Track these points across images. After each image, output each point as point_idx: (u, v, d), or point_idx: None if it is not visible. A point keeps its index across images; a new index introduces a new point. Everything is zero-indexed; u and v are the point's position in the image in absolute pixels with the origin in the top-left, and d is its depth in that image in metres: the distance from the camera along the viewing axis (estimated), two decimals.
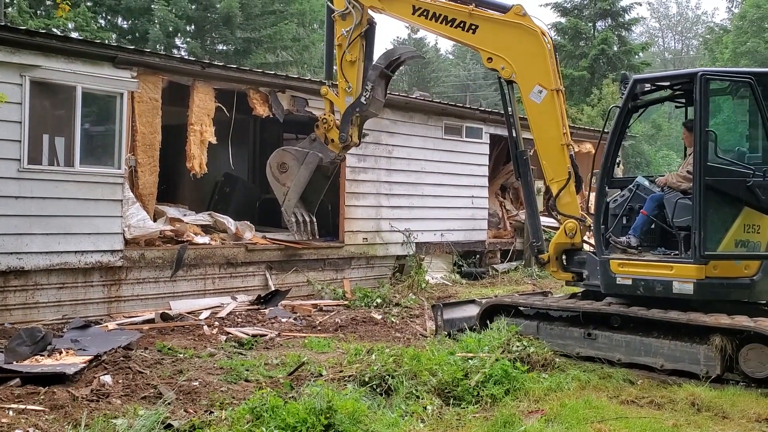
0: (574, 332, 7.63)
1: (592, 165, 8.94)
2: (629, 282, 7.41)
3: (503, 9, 8.26)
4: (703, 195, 6.96)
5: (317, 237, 10.96)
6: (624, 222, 7.92)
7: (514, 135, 8.49)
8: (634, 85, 7.66)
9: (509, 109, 8.42)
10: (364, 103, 9.16)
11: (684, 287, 7.05)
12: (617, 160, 8.59)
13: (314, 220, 10.39)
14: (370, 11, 9.22)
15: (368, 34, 9.33)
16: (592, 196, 8.67)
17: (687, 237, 7.14)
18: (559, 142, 8.01)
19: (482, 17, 8.32)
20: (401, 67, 9.82)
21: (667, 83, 7.97)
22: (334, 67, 9.69)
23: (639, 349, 7.14)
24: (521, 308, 8.29)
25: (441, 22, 8.52)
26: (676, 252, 7.32)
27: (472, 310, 8.88)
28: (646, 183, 7.94)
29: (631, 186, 8.01)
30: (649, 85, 7.94)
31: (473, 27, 8.33)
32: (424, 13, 8.58)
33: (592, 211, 8.32)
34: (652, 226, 7.65)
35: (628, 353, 7.21)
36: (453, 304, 9.46)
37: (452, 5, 8.50)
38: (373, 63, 9.26)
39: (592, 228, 7.98)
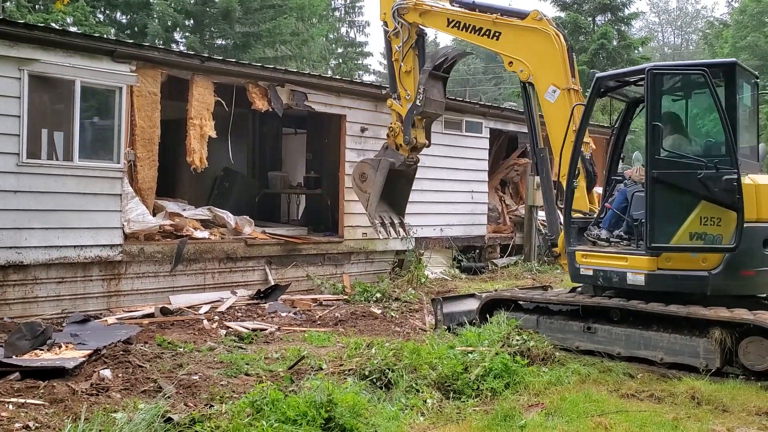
0: (573, 326, 7.64)
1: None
2: (590, 273, 7.61)
3: (523, 15, 8.83)
4: (651, 188, 6.99)
5: (408, 236, 11.61)
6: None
7: (534, 133, 8.82)
8: (596, 83, 7.83)
9: (529, 109, 8.80)
10: (419, 104, 10.00)
11: (636, 278, 7.17)
12: (622, 156, 8.76)
13: (403, 221, 11.10)
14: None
15: (419, 45, 10.33)
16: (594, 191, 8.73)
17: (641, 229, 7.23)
18: (570, 140, 8.11)
19: (504, 24, 8.94)
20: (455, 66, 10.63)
21: (628, 79, 8.08)
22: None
23: (638, 342, 7.15)
24: (521, 302, 8.30)
25: (470, 32, 9.30)
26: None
27: (472, 304, 8.89)
28: None
29: (626, 180, 8.12)
30: (612, 81, 8.08)
31: (497, 34, 9.00)
32: (457, 24, 9.47)
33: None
34: (622, 219, 7.77)
35: (627, 347, 7.21)
36: (452, 298, 9.51)
37: (479, 15, 9.23)
38: (422, 68, 10.10)
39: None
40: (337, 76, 16.04)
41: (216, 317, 9.46)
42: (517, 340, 7.20)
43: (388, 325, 9.47)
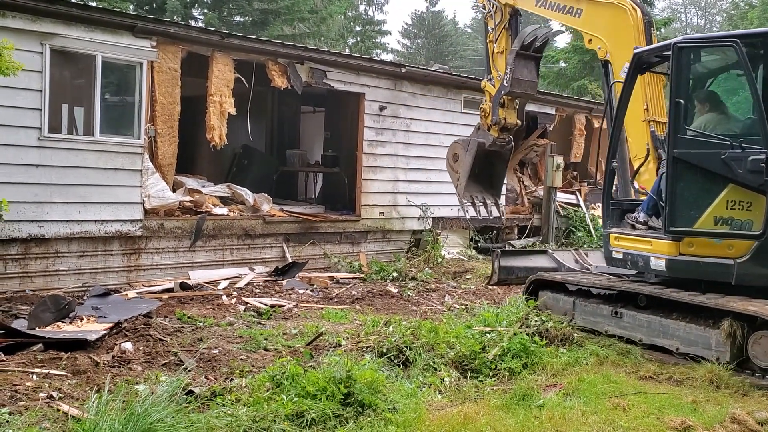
0: (603, 310, 7.43)
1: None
2: (621, 256, 7.42)
3: None
4: (672, 169, 6.68)
5: (501, 217, 11.52)
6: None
7: (611, 113, 8.51)
8: (635, 59, 7.55)
9: (608, 88, 8.54)
10: (506, 85, 9.98)
11: (658, 264, 6.89)
12: None
13: (498, 202, 11.13)
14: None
15: (512, 25, 10.41)
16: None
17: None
18: (640, 119, 7.96)
19: (585, 0, 8.88)
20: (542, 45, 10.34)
21: (666, 53, 7.64)
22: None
23: (658, 330, 6.88)
24: (566, 284, 8.10)
25: (555, 10, 9.40)
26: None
27: (537, 261, 8.73)
28: None
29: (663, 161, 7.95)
30: (652, 56, 7.77)
31: (579, 11, 9.00)
32: (543, 3, 9.62)
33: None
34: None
35: (648, 334, 6.96)
36: (515, 252, 9.38)
37: None
38: (511, 48, 10.15)
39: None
40: (356, 54, 15.96)
41: (234, 293, 9.53)
42: (536, 321, 7.18)
43: (404, 304, 9.50)
